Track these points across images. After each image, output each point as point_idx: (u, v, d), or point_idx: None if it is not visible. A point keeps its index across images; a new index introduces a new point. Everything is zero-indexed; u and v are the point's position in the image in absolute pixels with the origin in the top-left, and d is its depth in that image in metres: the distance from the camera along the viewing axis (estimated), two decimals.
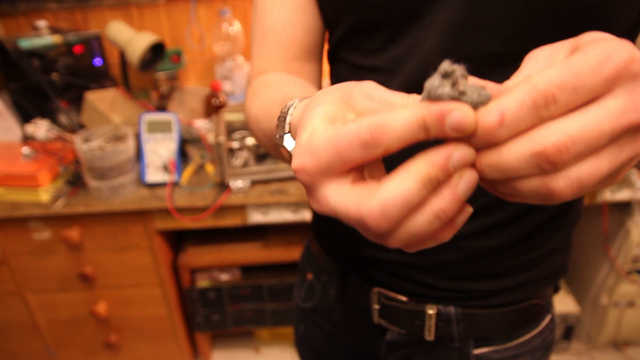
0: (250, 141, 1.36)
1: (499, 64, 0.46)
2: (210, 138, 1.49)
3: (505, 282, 0.61)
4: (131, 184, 1.38)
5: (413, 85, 0.48)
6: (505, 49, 0.45)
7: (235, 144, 1.35)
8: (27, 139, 1.51)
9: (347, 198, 0.27)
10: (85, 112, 1.52)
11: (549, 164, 0.24)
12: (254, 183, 1.39)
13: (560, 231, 0.62)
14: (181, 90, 1.78)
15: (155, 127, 1.42)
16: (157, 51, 1.66)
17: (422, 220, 0.26)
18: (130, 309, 1.61)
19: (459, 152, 0.25)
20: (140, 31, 1.63)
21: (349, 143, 0.26)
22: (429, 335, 0.64)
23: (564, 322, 1.76)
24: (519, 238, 0.59)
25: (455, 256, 0.59)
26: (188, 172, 1.44)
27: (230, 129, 1.41)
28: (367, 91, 0.29)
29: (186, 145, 1.53)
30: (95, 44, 1.70)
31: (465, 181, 0.25)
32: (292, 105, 0.39)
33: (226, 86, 1.74)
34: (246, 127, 1.41)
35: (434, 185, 0.25)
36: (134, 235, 1.45)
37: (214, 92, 1.68)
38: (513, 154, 0.24)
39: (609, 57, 0.23)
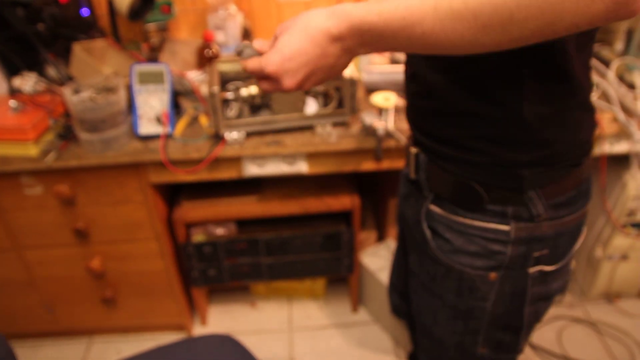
0: (244, 92, 1.32)
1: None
2: (204, 89, 1.45)
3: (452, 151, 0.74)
4: (124, 136, 1.35)
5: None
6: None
7: (229, 95, 1.32)
8: (14, 92, 1.46)
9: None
10: (74, 64, 1.47)
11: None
12: (250, 135, 1.36)
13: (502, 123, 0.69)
14: (172, 41, 1.72)
15: (146, 78, 1.38)
16: (146, 1, 1.60)
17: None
18: (126, 264, 1.61)
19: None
20: None
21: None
22: (412, 174, 0.83)
23: None
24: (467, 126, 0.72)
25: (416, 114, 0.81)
26: (182, 124, 1.41)
27: (224, 80, 1.37)
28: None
29: (179, 97, 1.49)
30: None
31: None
32: None
33: (219, 36, 1.68)
34: (241, 77, 1.38)
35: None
36: (128, 189, 1.43)
37: (207, 43, 1.63)
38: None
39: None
